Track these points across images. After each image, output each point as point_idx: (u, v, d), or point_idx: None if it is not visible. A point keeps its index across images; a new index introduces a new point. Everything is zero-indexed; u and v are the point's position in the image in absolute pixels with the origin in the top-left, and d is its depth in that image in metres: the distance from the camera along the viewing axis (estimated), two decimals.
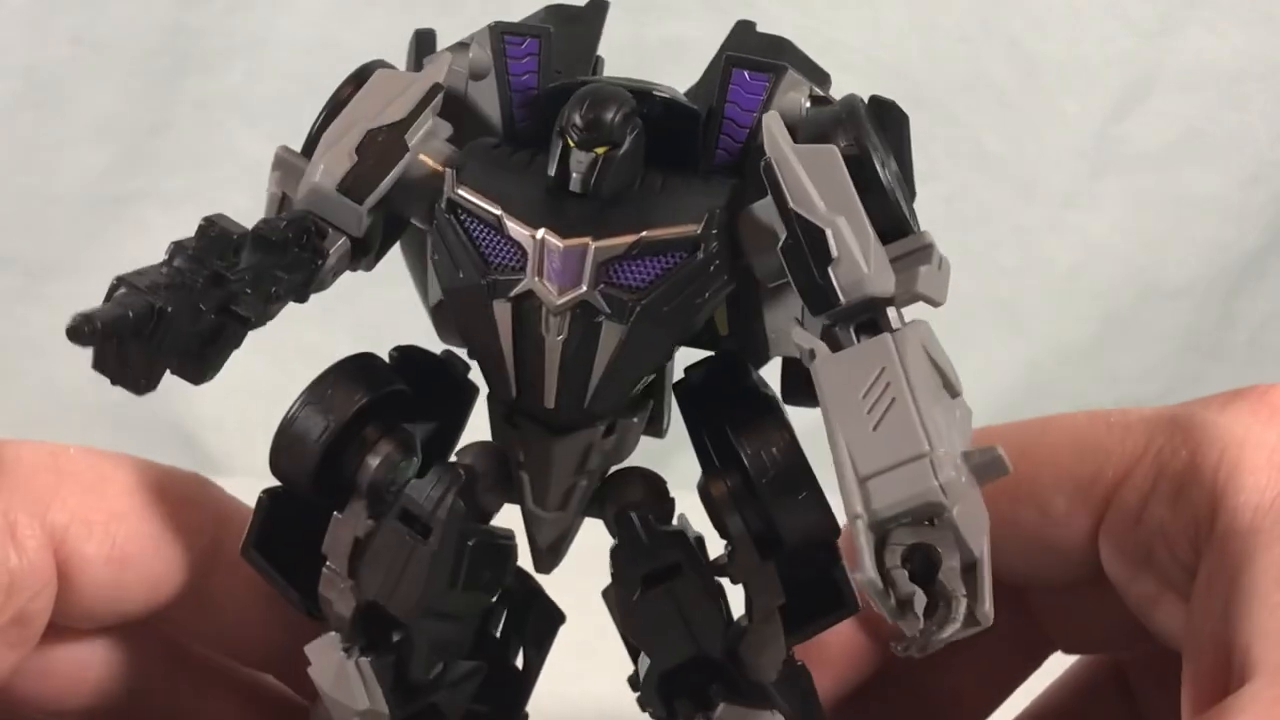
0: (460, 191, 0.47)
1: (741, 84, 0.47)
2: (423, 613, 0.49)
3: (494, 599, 0.53)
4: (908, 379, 0.44)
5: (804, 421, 0.48)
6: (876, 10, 1.18)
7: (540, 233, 0.46)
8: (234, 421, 1.17)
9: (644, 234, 0.46)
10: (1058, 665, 0.61)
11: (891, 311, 0.45)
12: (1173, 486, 0.50)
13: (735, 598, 0.50)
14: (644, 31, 1.12)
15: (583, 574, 0.52)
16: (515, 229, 0.46)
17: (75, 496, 0.51)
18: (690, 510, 0.51)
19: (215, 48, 1.14)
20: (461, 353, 0.51)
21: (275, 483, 0.50)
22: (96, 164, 1.14)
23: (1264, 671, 0.44)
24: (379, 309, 0.86)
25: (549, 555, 0.51)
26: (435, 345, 0.52)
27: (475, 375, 0.51)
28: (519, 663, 0.55)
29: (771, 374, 0.52)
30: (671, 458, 0.52)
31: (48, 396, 1.17)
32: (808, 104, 0.48)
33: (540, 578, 0.53)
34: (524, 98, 0.48)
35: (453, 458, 0.51)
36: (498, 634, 0.54)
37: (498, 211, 0.46)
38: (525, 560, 0.52)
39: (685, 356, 0.50)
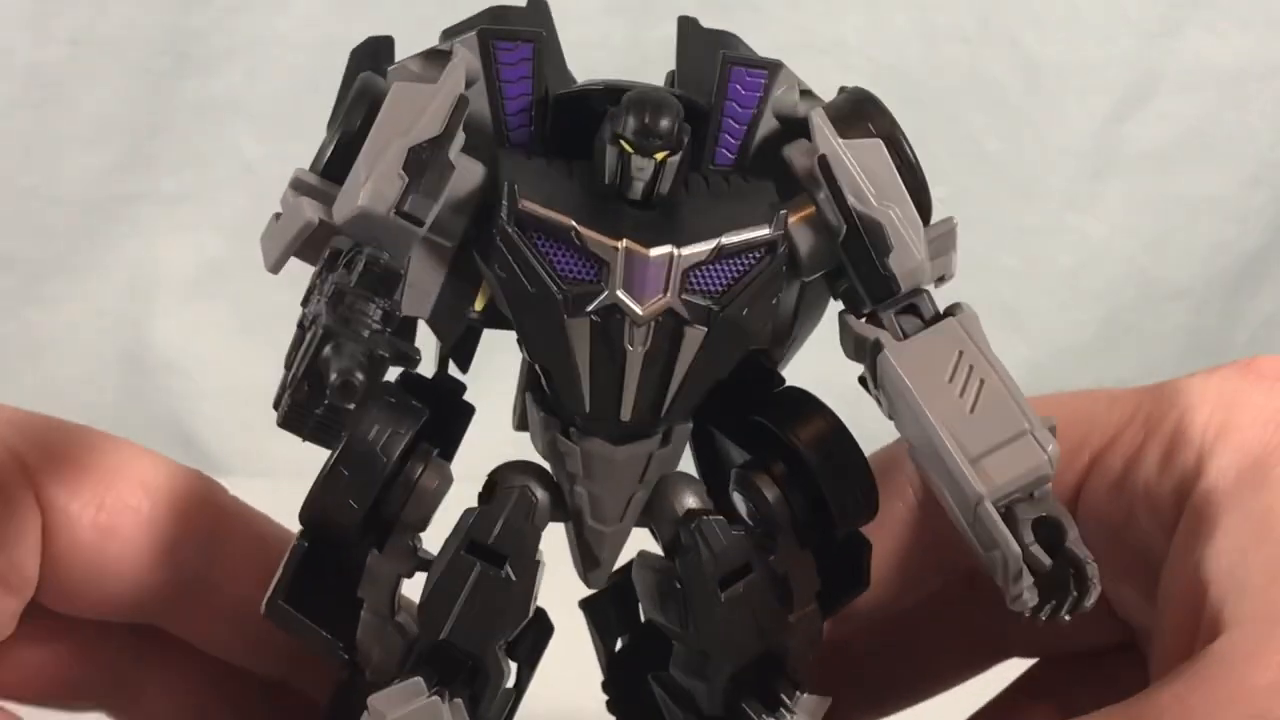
0: (527, 205, 0.45)
1: (740, 81, 0.47)
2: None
3: None
4: (988, 359, 0.46)
5: None
6: (876, 10, 1.18)
7: (623, 243, 0.45)
8: (234, 421, 1.17)
9: (723, 239, 0.45)
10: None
11: (928, 294, 0.47)
12: (1161, 448, 0.50)
13: None
14: (643, 33, 1.12)
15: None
16: (595, 241, 0.45)
17: (62, 458, 0.51)
18: None
19: (215, 48, 1.13)
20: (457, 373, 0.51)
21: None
22: (96, 164, 1.14)
23: (1238, 623, 0.44)
24: None
25: (604, 569, 0.51)
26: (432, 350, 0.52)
27: (468, 395, 0.51)
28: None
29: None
30: None
31: (48, 396, 1.16)
32: (798, 99, 0.48)
33: None
34: (518, 105, 0.47)
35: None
36: None
37: (571, 224, 0.45)
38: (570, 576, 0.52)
39: None
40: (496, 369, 0.52)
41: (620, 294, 0.45)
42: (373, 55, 0.48)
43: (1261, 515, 0.47)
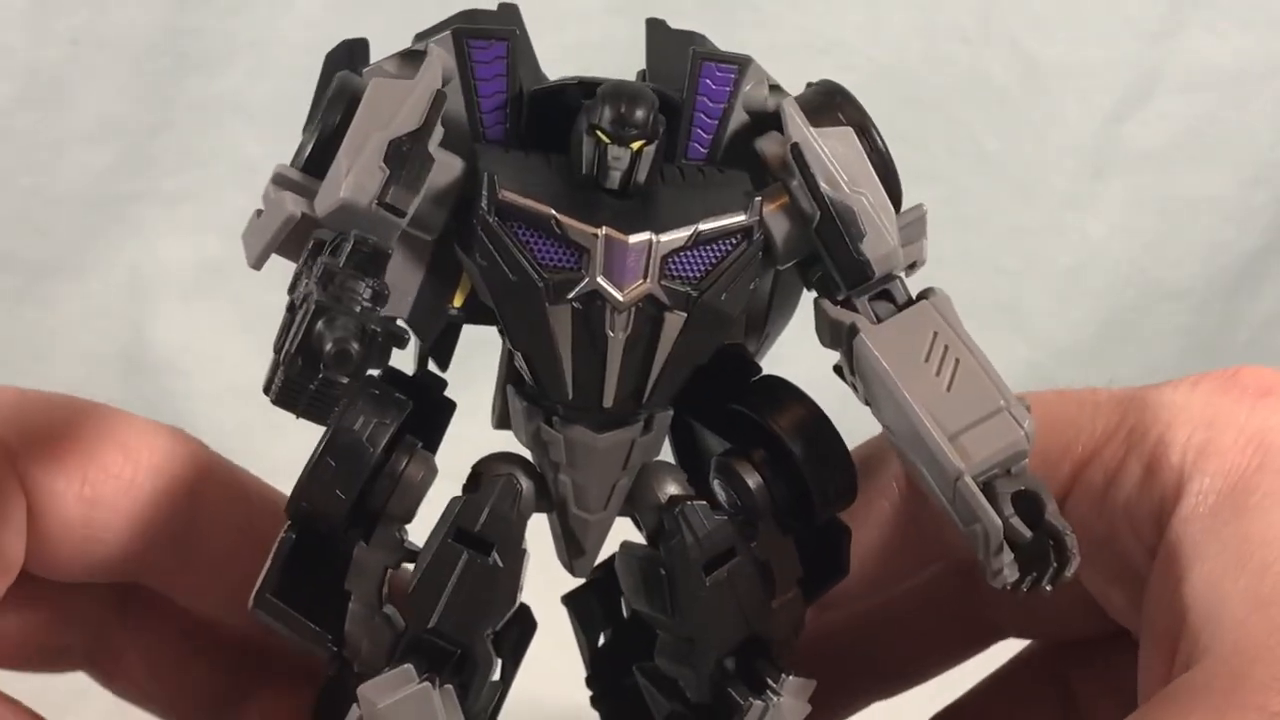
0: (506, 194, 0.46)
1: (710, 76, 0.48)
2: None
3: None
4: (962, 340, 0.47)
5: None
6: (876, 10, 1.18)
7: (602, 231, 0.45)
8: (234, 421, 1.17)
9: (700, 226, 0.46)
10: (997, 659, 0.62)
11: (901, 280, 0.48)
12: (1142, 466, 0.51)
13: None
14: (643, 31, 1.12)
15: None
16: (574, 229, 0.45)
17: (44, 435, 0.51)
18: None
19: (215, 48, 1.14)
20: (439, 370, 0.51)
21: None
22: (96, 164, 1.14)
23: (1215, 654, 0.44)
24: None
25: (589, 558, 0.51)
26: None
27: (449, 392, 0.51)
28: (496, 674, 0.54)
29: None
30: None
31: None
32: (768, 93, 0.48)
33: None
34: (493, 102, 0.48)
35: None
36: None
37: (551, 212, 0.45)
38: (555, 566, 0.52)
39: None
40: (479, 366, 0.52)
41: (601, 280, 0.46)
42: (348, 57, 0.49)
43: (1239, 544, 0.47)
